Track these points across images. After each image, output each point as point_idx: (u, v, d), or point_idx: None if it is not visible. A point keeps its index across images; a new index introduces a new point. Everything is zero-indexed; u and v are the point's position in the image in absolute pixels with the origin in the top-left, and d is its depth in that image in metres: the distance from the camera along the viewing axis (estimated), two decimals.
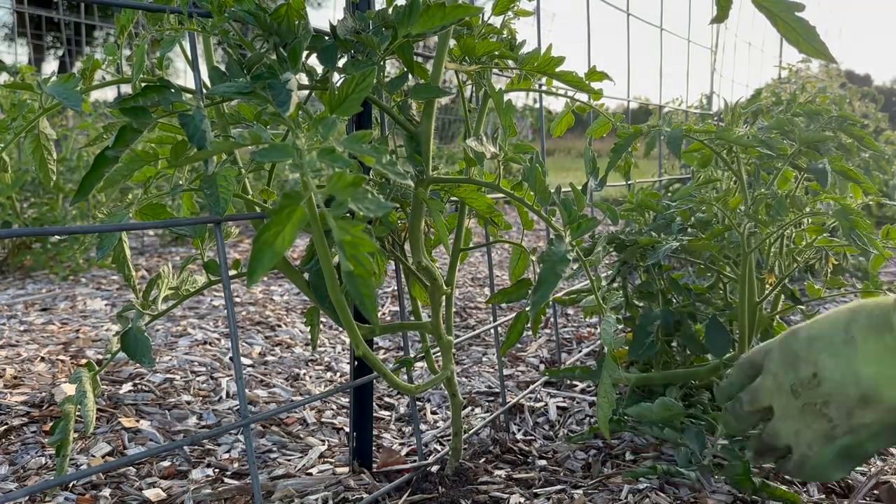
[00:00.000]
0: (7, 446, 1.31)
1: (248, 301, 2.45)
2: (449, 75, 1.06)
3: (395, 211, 1.10)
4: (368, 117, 1.13)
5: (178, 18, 0.84)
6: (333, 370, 1.81)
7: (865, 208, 3.63)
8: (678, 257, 1.49)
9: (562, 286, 1.94)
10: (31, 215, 2.91)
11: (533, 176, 1.01)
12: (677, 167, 3.87)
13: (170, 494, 1.16)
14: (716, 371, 1.36)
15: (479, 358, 1.94)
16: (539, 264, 0.98)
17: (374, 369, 0.98)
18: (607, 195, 5.25)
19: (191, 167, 0.99)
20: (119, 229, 0.90)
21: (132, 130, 0.80)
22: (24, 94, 2.06)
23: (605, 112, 1.32)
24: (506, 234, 2.44)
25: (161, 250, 3.54)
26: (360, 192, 0.59)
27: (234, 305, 1.46)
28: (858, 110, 4.66)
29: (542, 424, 1.48)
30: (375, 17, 0.93)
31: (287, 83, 0.76)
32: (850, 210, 1.17)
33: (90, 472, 0.79)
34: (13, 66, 3.21)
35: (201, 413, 1.49)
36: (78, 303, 2.44)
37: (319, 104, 0.96)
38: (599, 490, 1.18)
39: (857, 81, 7.45)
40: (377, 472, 1.22)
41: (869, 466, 1.28)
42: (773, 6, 0.75)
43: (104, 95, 17.46)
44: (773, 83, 4.46)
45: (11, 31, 12.07)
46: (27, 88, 0.85)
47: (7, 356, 1.78)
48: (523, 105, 9.35)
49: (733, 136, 1.23)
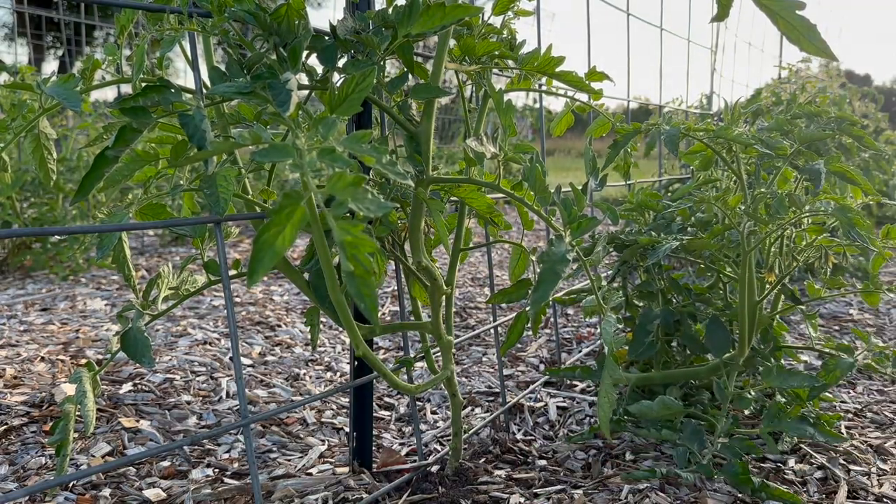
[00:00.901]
0: (7, 446, 1.31)
1: (248, 301, 2.45)
2: (449, 75, 1.06)
3: (395, 211, 1.10)
4: (368, 117, 1.13)
5: (178, 18, 0.84)
6: (333, 370, 1.81)
7: (865, 208, 3.63)
8: (678, 257, 1.49)
9: (562, 286, 1.94)
10: (31, 215, 2.91)
11: (533, 176, 1.01)
12: (677, 167, 3.87)
13: (170, 494, 1.16)
14: (716, 371, 1.36)
15: (479, 358, 1.94)
16: (539, 264, 0.98)
17: (374, 369, 0.98)
18: (607, 195, 5.25)
19: (191, 167, 0.99)
20: (119, 229, 0.90)
21: (132, 130, 0.80)
22: (24, 94, 2.06)
23: (605, 112, 1.32)
24: (506, 234, 2.44)
25: (161, 250, 3.54)
26: (360, 192, 0.59)
27: (234, 305, 1.46)
28: (858, 110, 4.66)
29: (542, 424, 1.48)
30: (375, 17, 0.93)
31: (287, 83, 0.76)
32: (850, 209, 1.17)
33: (90, 472, 0.79)
34: (13, 66, 3.21)
35: (201, 413, 1.49)
36: (78, 303, 2.44)
37: (319, 104, 0.96)
38: (599, 490, 1.18)
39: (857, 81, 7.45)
40: (377, 472, 1.22)
41: (870, 466, 1.28)
42: (774, 5, 0.75)
43: (104, 95, 17.46)
44: (773, 83, 4.46)
45: (11, 31, 12.08)
46: (27, 88, 0.85)
47: (7, 356, 1.78)
48: (523, 105, 9.35)
49: (732, 135, 1.23)
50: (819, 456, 1.31)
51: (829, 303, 2.57)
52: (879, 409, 1.56)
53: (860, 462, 1.30)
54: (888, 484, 1.21)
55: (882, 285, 1.35)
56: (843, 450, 1.34)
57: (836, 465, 1.28)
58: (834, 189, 1.53)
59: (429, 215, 1.07)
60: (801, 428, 1.23)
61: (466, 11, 0.88)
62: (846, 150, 1.49)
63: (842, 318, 2.40)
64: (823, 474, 1.25)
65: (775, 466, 1.28)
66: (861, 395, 1.66)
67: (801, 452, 1.33)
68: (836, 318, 2.38)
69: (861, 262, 2.85)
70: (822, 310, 2.49)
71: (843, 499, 1.16)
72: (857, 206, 1.26)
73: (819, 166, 1.24)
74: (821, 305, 2.53)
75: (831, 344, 1.45)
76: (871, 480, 1.23)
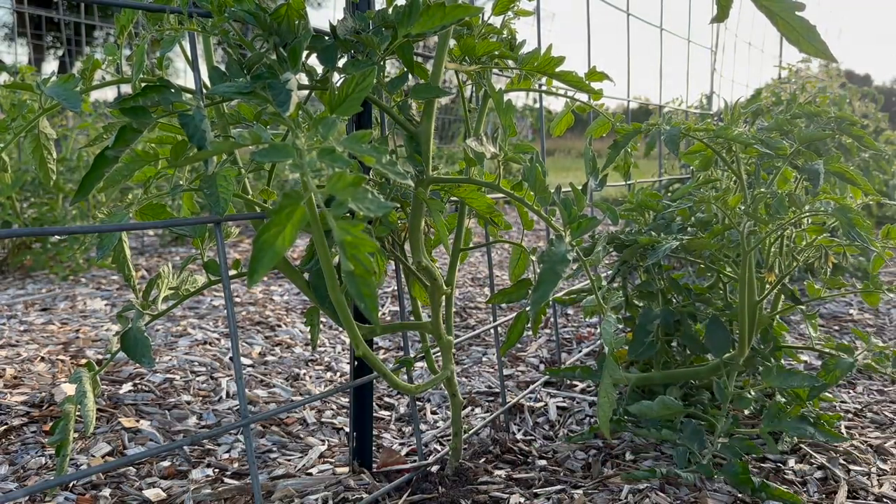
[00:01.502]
0: (7, 446, 1.31)
1: (248, 301, 2.45)
2: (449, 75, 1.06)
3: (395, 211, 1.10)
4: (368, 117, 1.13)
5: (178, 18, 0.84)
6: (333, 370, 1.81)
7: (865, 208, 3.63)
8: (678, 257, 1.49)
9: (562, 286, 1.94)
10: (31, 215, 2.91)
11: (533, 176, 1.01)
12: (677, 167, 3.87)
13: (170, 494, 1.16)
14: (716, 371, 1.36)
15: (479, 358, 1.94)
16: (539, 264, 0.98)
17: (374, 369, 0.98)
18: (607, 195, 5.25)
19: (191, 167, 0.99)
20: (119, 229, 0.90)
21: (132, 130, 0.80)
22: (24, 94, 2.06)
23: (605, 112, 1.32)
24: (506, 234, 2.44)
25: (161, 250, 3.54)
26: (360, 191, 0.59)
27: (234, 305, 1.46)
28: (858, 110, 4.66)
29: (542, 424, 1.48)
30: (375, 17, 0.93)
31: (287, 83, 0.76)
32: (850, 209, 1.17)
33: (90, 472, 0.79)
34: (13, 66, 3.21)
35: (201, 413, 1.49)
36: (78, 303, 2.44)
37: (319, 104, 0.96)
38: (599, 490, 1.18)
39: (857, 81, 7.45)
40: (377, 472, 1.22)
41: (870, 466, 1.28)
42: (773, 6, 0.75)
43: (104, 95, 17.46)
44: (773, 83, 4.46)
45: (11, 31, 12.07)
46: (27, 88, 0.85)
47: (7, 356, 1.78)
48: (523, 105, 9.35)
49: (732, 135, 1.23)
50: (819, 456, 1.31)
51: (829, 303, 2.57)
52: (879, 409, 1.56)
53: (860, 462, 1.30)
54: (888, 484, 1.21)
55: (882, 285, 1.35)
56: (843, 450, 1.34)
57: (836, 465, 1.28)
58: (834, 189, 1.52)
59: (429, 215, 1.07)
60: (801, 428, 1.23)
61: (466, 11, 0.89)
62: (846, 150, 1.49)
63: (842, 318, 2.40)
64: (823, 474, 1.25)
65: (775, 466, 1.28)
66: (861, 395, 1.66)
67: (801, 452, 1.33)
68: (836, 318, 2.38)
69: (861, 262, 2.85)
70: (822, 310, 2.49)
71: (843, 499, 1.16)
72: (857, 206, 1.26)
73: (818, 166, 1.24)
74: (821, 305, 2.53)
75: (831, 344, 1.45)
76: (871, 480, 1.23)
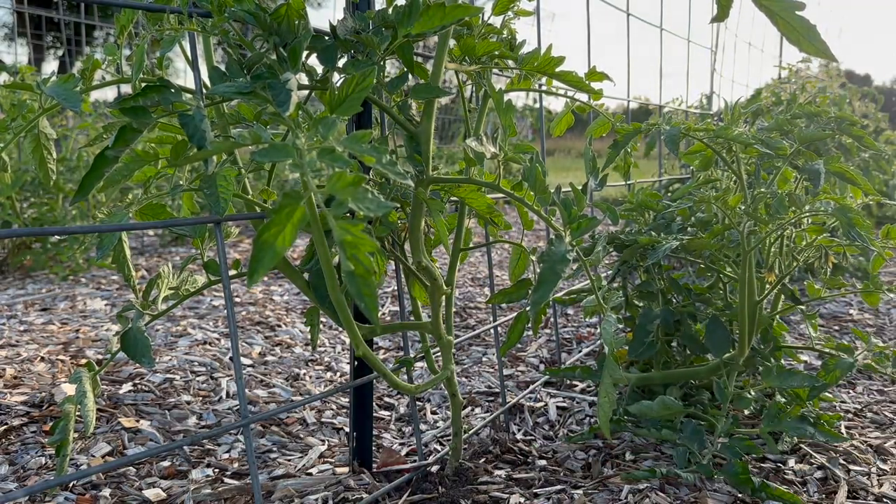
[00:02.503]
0: (7, 446, 1.31)
1: (248, 301, 2.45)
2: (449, 75, 1.06)
3: (395, 211, 1.10)
4: (368, 117, 1.13)
5: (178, 18, 0.84)
6: (333, 370, 1.81)
7: (865, 208, 3.63)
8: (678, 257, 1.49)
9: (562, 286, 1.94)
10: (31, 215, 2.91)
11: (533, 176, 1.01)
12: (677, 167, 3.87)
13: (170, 494, 1.16)
14: (716, 371, 1.36)
15: (479, 358, 1.94)
16: (539, 264, 0.98)
17: (374, 369, 0.98)
18: (607, 195, 5.25)
19: (191, 167, 0.99)
20: (119, 229, 0.90)
21: (132, 130, 0.80)
22: (24, 94, 2.06)
23: (605, 112, 1.32)
24: (506, 234, 2.44)
25: (161, 250, 3.54)
26: (360, 191, 0.59)
27: (234, 305, 1.46)
28: (858, 110, 4.66)
29: (542, 424, 1.48)
30: (375, 17, 0.93)
31: (287, 83, 0.76)
32: (850, 209, 1.17)
33: (90, 472, 0.79)
34: (13, 66, 3.21)
35: (201, 413, 1.49)
36: (78, 303, 2.44)
37: (319, 104, 0.96)
38: (599, 490, 1.18)
39: (857, 81, 7.44)
40: (377, 472, 1.22)
41: (870, 466, 1.28)
42: (773, 5, 0.75)
43: (104, 95, 17.46)
44: (773, 83, 4.46)
45: (11, 31, 12.07)
46: (27, 88, 0.85)
47: (7, 356, 1.78)
48: (523, 105, 9.35)
49: (732, 135, 1.23)
50: (819, 456, 1.31)
51: (829, 303, 2.57)
52: (879, 409, 1.56)
53: (860, 462, 1.30)
54: (888, 484, 1.21)
55: (882, 285, 1.35)
56: (843, 450, 1.34)
57: (836, 465, 1.28)
58: (834, 189, 1.53)
59: (429, 215, 1.07)
60: (801, 428, 1.23)
61: (466, 11, 0.89)
62: (846, 150, 1.49)
63: (842, 318, 2.40)
64: (823, 474, 1.25)
65: (775, 466, 1.28)
66: (861, 395, 1.66)
67: (801, 452, 1.33)
68: (836, 318, 2.38)
69: (861, 262, 2.85)
70: (822, 310, 2.49)
71: (843, 499, 1.16)
72: (857, 206, 1.26)
73: (818, 166, 1.24)
74: (821, 305, 2.53)
75: (831, 344, 1.45)
76: (871, 480, 1.23)
